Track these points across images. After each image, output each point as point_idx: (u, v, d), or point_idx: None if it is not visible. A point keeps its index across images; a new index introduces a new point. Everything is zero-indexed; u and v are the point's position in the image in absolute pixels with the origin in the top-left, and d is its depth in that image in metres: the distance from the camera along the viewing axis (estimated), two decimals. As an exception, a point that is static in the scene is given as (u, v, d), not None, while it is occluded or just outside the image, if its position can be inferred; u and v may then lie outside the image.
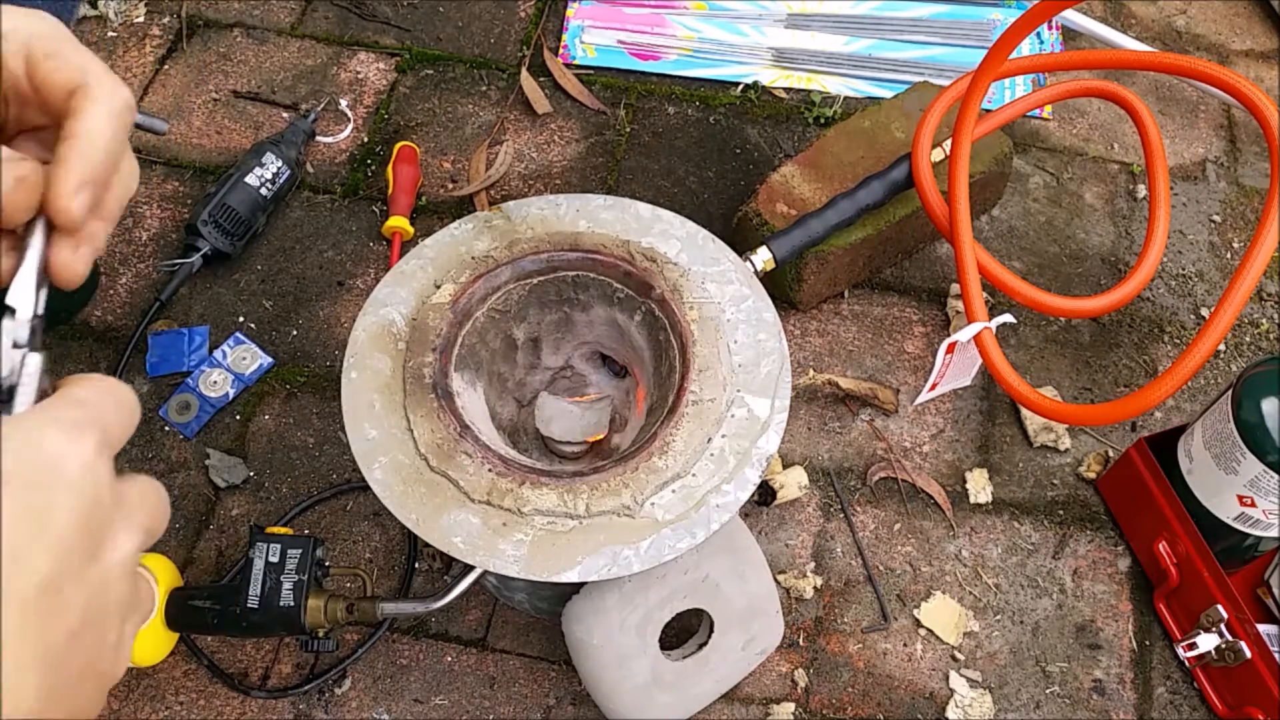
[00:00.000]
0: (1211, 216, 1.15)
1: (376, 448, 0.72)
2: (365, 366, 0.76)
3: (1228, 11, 1.34)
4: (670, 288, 0.79)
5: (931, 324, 1.05)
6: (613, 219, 0.83)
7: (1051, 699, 0.86)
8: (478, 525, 0.69)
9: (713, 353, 0.76)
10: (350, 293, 1.05)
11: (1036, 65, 1.00)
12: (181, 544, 0.91)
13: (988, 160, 1.03)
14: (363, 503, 0.93)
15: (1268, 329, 1.07)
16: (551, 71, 1.22)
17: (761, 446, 0.72)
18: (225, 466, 0.94)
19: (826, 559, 0.92)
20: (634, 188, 1.14)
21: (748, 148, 1.17)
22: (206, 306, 1.03)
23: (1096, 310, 0.95)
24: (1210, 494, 0.84)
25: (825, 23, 1.28)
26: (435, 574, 0.90)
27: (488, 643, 0.87)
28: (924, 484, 0.96)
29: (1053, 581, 0.92)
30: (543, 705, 0.85)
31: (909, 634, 0.89)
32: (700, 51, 1.25)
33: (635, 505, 0.69)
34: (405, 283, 0.80)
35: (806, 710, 0.85)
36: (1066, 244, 1.12)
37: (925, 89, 1.10)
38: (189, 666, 0.85)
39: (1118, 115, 1.21)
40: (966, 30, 1.28)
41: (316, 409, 0.98)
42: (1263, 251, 0.80)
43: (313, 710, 0.84)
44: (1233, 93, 0.84)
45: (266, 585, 0.76)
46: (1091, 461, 0.97)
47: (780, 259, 0.90)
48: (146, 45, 1.22)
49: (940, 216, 0.95)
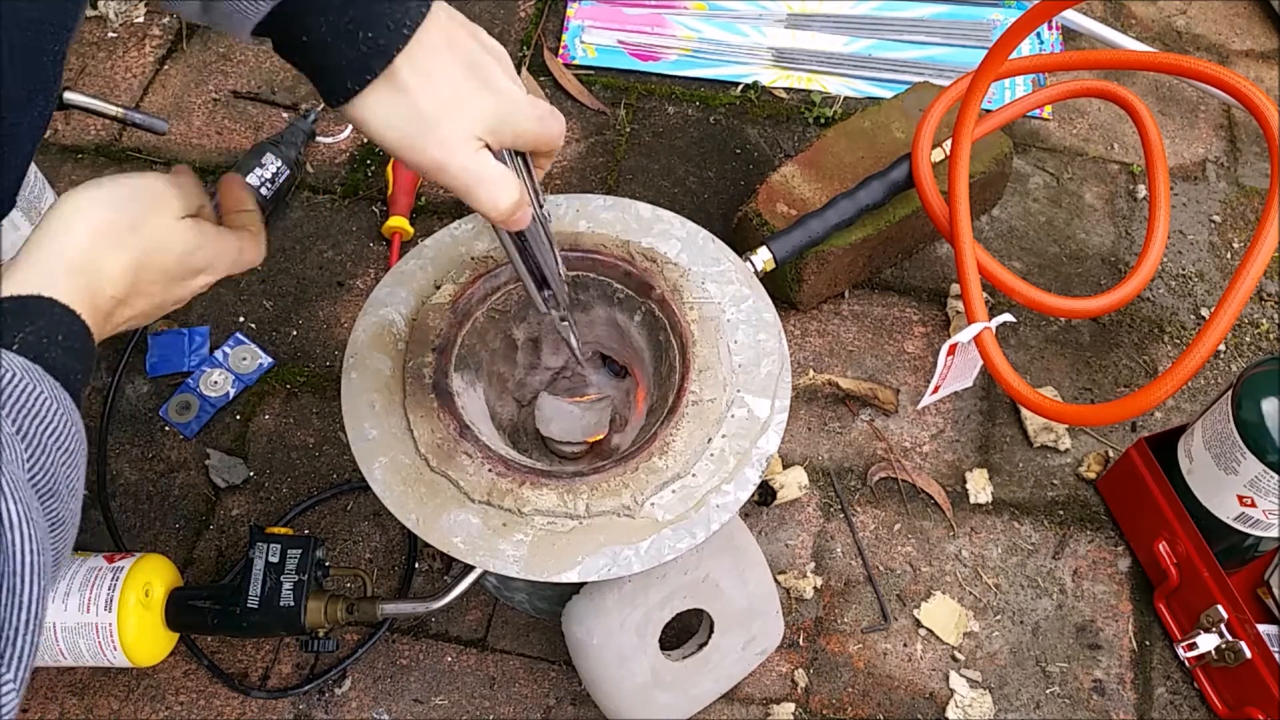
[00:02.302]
0: (1211, 216, 1.15)
1: (376, 448, 0.72)
2: (365, 366, 0.76)
3: (1228, 11, 1.34)
4: (670, 288, 0.79)
5: (931, 324, 1.05)
6: (613, 219, 0.83)
7: (1051, 699, 0.86)
8: (478, 525, 0.69)
9: (713, 353, 0.76)
10: (350, 293, 1.05)
11: (1036, 65, 1.00)
12: (181, 544, 0.91)
13: (988, 160, 1.03)
14: (363, 503, 0.93)
15: (1268, 329, 1.07)
16: (551, 71, 1.22)
17: (761, 446, 0.72)
18: (225, 466, 0.94)
19: (826, 559, 0.92)
20: (634, 188, 1.14)
21: (748, 148, 1.17)
22: (206, 306, 1.03)
23: (1096, 310, 0.95)
24: (1210, 494, 0.84)
25: (825, 23, 1.28)
26: (435, 574, 0.90)
27: (488, 643, 0.87)
28: (924, 484, 0.96)
29: (1053, 581, 0.92)
30: (543, 705, 0.85)
31: (909, 634, 0.89)
32: (700, 51, 1.25)
33: (635, 505, 0.69)
34: (405, 283, 0.80)
35: (806, 710, 0.85)
36: (1066, 244, 1.12)
37: (925, 89, 1.10)
38: (189, 666, 0.85)
39: (1118, 115, 1.21)
40: (966, 30, 1.28)
41: (316, 409, 0.98)
42: (1263, 251, 0.80)
43: (313, 710, 0.84)
44: (1233, 93, 0.84)
45: (266, 585, 0.76)
46: (1091, 461, 0.97)
47: (780, 259, 0.90)
48: (146, 45, 1.22)
49: (940, 216, 0.95)
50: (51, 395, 0.49)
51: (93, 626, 0.75)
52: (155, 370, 0.99)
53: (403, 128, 0.53)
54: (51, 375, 0.50)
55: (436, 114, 0.53)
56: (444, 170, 0.54)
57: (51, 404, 0.49)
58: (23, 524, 0.44)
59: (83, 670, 0.84)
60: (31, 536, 0.44)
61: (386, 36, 0.51)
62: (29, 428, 0.47)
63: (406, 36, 0.51)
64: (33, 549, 0.44)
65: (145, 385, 0.99)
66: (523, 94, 0.56)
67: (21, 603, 0.43)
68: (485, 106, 0.54)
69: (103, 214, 0.56)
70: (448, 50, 0.53)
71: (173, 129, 1.15)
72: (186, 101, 1.18)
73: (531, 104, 0.57)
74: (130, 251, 0.56)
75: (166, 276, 0.59)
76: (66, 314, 0.53)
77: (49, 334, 0.51)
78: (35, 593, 0.44)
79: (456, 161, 0.54)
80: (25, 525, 0.44)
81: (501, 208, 0.56)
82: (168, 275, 0.59)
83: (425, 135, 0.53)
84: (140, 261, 0.57)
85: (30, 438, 0.47)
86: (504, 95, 0.55)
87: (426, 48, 0.52)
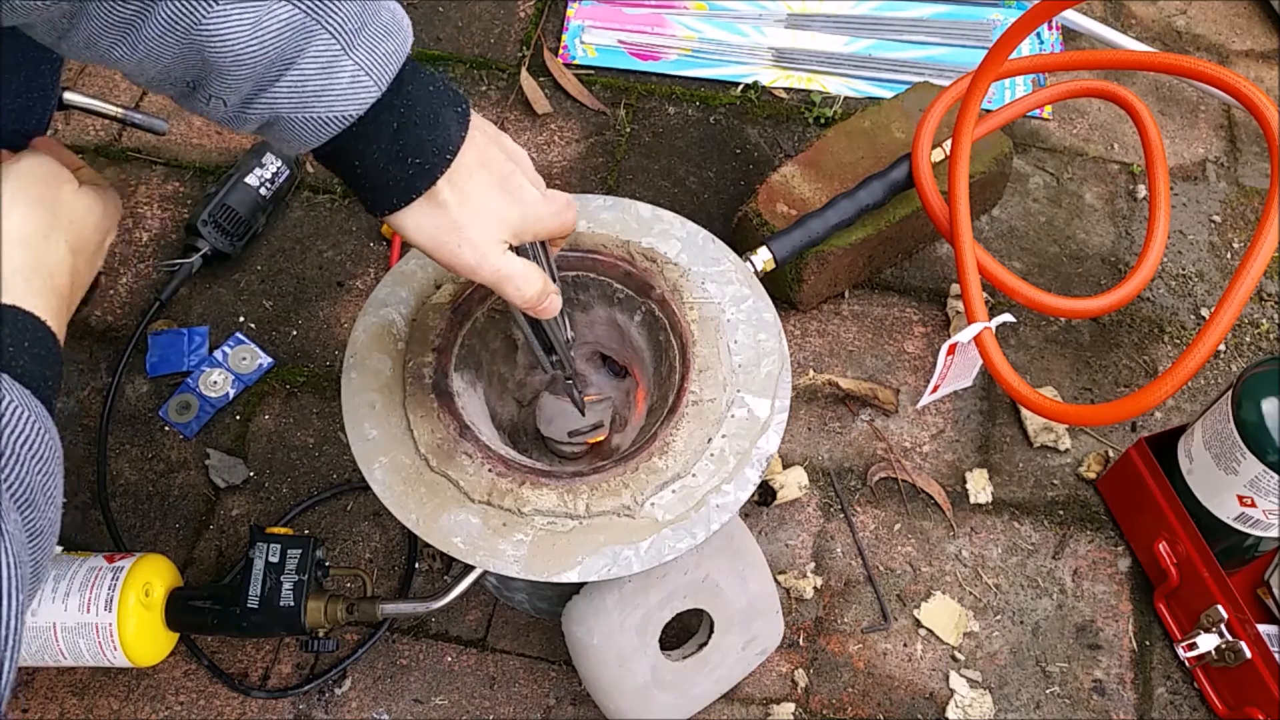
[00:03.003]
0: (1211, 216, 1.15)
1: (376, 448, 0.72)
2: (365, 366, 0.76)
3: (1228, 11, 1.34)
4: (670, 288, 0.79)
5: (931, 324, 1.05)
6: (613, 219, 0.83)
7: (1051, 699, 0.86)
8: (478, 525, 0.69)
9: (713, 353, 0.76)
10: (350, 293, 1.05)
11: (1036, 65, 1.00)
12: (181, 544, 0.91)
13: (988, 160, 1.03)
14: (363, 503, 0.93)
15: (1268, 329, 1.07)
16: (551, 71, 1.22)
17: (761, 446, 0.72)
18: (225, 467, 0.94)
19: (826, 559, 0.92)
20: (634, 188, 1.14)
21: (748, 148, 1.17)
22: (206, 306, 1.03)
23: (1096, 310, 0.95)
24: (1210, 494, 0.84)
25: (825, 23, 1.28)
26: (435, 574, 0.90)
27: (488, 643, 0.87)
28: (924, 484, 0.96)
29: (1053, 581, 0.92)
30: (543, 705, 0.85)
31: (909, 634, 0.89)
32: (700, 51, 1.25)
33: (635, 505, 0.69)
34: (405, 283, 0.80)
35: (806, 710, 0.85)
36: (1066, 244, 1.12)
37: (925, 89, 1.10)
38: (189, 666, 0.85)
39: (1118, 115, 1.21)
40: (966, 30, 1.28)
41: (316, 409, 0.98)
42: (1263, 251, 0.80)
43: (313, 710, 0.84)
44: (1233, 93, 0.84)
45: (266, 585, 0.76)
46: (1091, 462, 0.97)
47: (780, 259, 0.90)
48: (146, 45, 1.22)
49: (940, 216, 0.95)
50: (23, 404, 0.49)
51: (93, 626, 0.75)
52: (155, 370, 0.99)
53: (440, 236, 0.60)
54: (20, 383, 0.50)
55: (470, 225, 0.60)
56: (476, 272, 0.62)
57: (23, 412, 0.48)
58: None
59: (83, 670, 0.85)
60: (8, 550, 0.43)
61: (431, 160, 0.57)
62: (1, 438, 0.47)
63: (449, 161, 0.58)
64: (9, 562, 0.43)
65: (145, 385, 0.99)
66: (540, 197, 0.64)
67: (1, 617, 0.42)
68: (512, 215, 0.62)
69: (21, 209, 0.56)
70: (481, 169, 0.60)
71: (172, 129, 1.15)
72: (186, 101, 1.18)
73: (549, 202, 0.64)
74: (62, 236, 0.57)
75: (90, 249, 0.60)
76: (29, 320, 0.53)
77: (14, 342, 0.51)
78: (14, 607, 0.43)
79: (489, 265, 0.61)
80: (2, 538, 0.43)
81: (528, 297, 0.64)
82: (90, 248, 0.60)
83: (459, 243, 0.60)
84: (71, 244, 0.58)
85: (3, 448, 0.47)
86: (527, 204, 0.63)
87: (463, 170, 0.59)
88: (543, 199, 0.64)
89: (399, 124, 0.56)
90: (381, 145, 0.56)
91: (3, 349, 0.51)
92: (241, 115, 0.54)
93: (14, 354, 0.51)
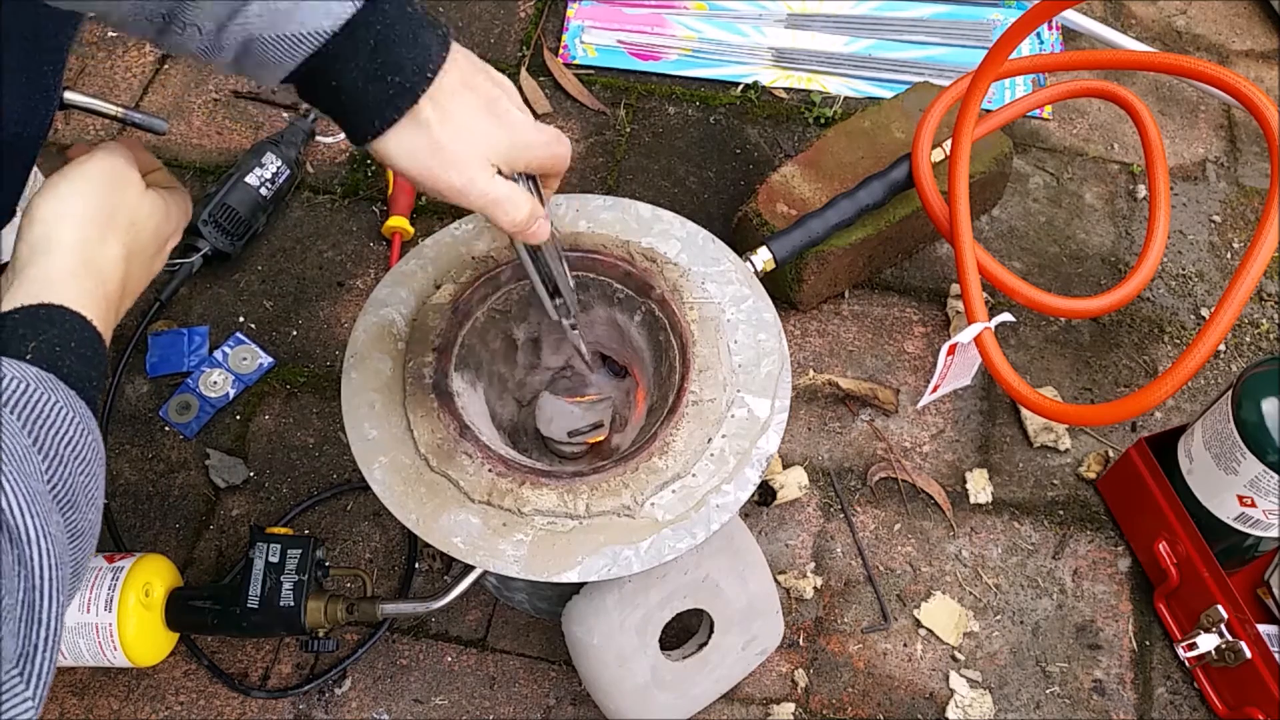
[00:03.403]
0: (1211, 216, 1.15)
1: (376, 448, 0.72)
2: (365, 366, 0.76)
3: (1228, 11, 1.34)
4: (670, 288, 0.79)
5: (931, 324, 1.05)
6: (613, 219, 0.83)
7: (1051, 699, 0.86)
8: (478, 525, 0.69)
9: (713, 353, 0.76)
10: (350, 293, 1.05)
11: (1036, 65, 1.00)
12: (181, 544, 0.91)
13: (988, 160, 1.03)
14: (363, 503, 0.93)
15: (1268, 329, 1.07)
16: (551, 71, 1.22)
17: (761, 446, 0.72)
18: (225, 467, 0.94)
19: (826, 559, 0.92)
20: (634, 188, 1.14)
21: (748, 148, 1.17)
22: (206, 306, 1.03)
23: (1096, 310, 0.95)
24: (1210, 494, 0.84)
25: (825, 23, 1.28)
26: (435, 574, 0.90)
27: (488, 643, 0.87)
28: (924, 484, 0.96)
29: (1053, 581, 0.92)
30: (543, 705, 0.85)
31: (909, 634, 0.89)
32: (700, 51, 1.25)
33: (635, 505, 0.69)
34: (405, 283, 0.80)
35: (806, 710, 0.85)
36: (1066, 244, 1.12)
37: (925, 89, 1.10)
38: (189, 666, 0.85)
39: (1118, 115, 1.21)
40: (966, 30, 1.28)
41: (316, 409, 0.98)
42: (1263, 251, 0.80)
43: (313, 710, 0.84)
44: (1233, 93, 0.84)
45: (266, 585, 0.76)
46: (1091, 461, 0.97)
47: (780, 259, 0.90)
48: (146, 45, 1.22)
49: (940, 216, 0.95)
50: (67, 404, 0.49)
51: (93, 626, 0.75)
52: (155, 370, 0.99)
53: (425, 159, 0.58)
54: (66, 384, 0.50)
55: (455, 145, 0.59)
56: (464, 195, 0.60)
57: (67, 413, 0.49)
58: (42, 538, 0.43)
59: (83, 670, 0.84)
60: (50, 551, 0.44)
61: (411, 79, 0.56)
62: (45, 439, 0.47)
63: (430, 79, 0.57)
64: (52, 563, 0.44)
65: (145, 385, 0.99)
66: (531, 123, 0.62)
67: (41, 619, 0.43)
68: (499, 137, 0.60)
69: (81, 209, 0.56)
70: (465, 90, 0.59)
71: (172, 129, 1.15)
72: (186, 101, 1.18)
73: (539, 130, 0.63)
74: (118, 239, 0.57)
75: (148, 253, 0.61)
76: (77, 320, 0.53)
77: (61, 342, 0.52)
78: (55, 609, 0.43)
79: (476, 188, 0.60)
80: (44, 540, 0.43)
81: (518, 220, 0.62)
82: (148, 252, 0.61)
83: (445, 165, 0.59)
84: (128, 247, 0.58)
85: (47, 449, 0.47)
86: (515, 127, 0.61)
87: (446, 90, 0.58)
88: (532, 125, 0.62)
89: (376, 41, 0.54)
90: (359, 63, 0.55)
91: (50, 349, 0.51)
92: (217, 43, 0.53)
93: (60, 354, 0.51)
